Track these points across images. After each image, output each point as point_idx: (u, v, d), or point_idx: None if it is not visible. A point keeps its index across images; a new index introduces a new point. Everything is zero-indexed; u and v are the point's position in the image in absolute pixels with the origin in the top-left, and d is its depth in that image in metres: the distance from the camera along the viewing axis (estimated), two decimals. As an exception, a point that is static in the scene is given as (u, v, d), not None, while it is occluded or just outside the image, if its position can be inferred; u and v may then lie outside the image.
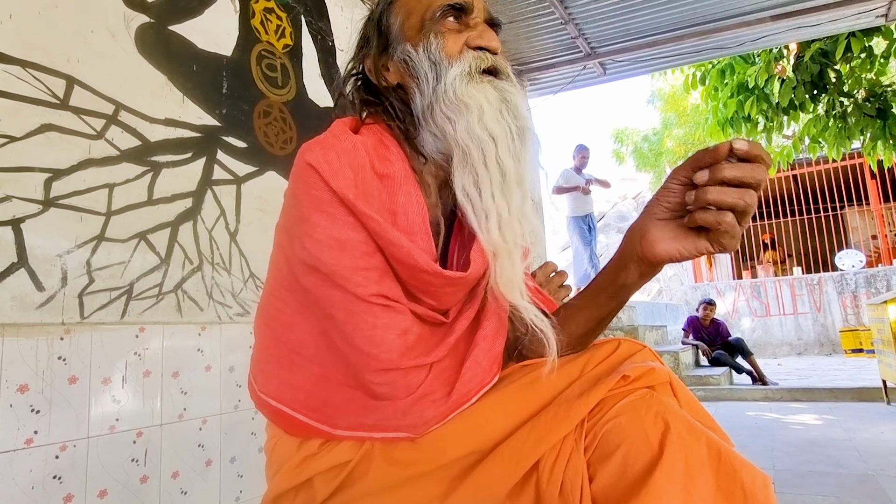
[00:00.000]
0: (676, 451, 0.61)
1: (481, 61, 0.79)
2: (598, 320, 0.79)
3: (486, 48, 0.80)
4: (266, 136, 2.13)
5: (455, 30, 0.81)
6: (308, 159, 0.71)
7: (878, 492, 2.23)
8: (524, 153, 0.77)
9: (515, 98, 0.78)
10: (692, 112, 13.01)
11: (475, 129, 0.74)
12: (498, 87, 0.78)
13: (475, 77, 0.77)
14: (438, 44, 0.80)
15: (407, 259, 0.71)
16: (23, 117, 1.41)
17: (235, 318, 1.91)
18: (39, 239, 1.41)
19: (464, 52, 0.79)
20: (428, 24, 0.81)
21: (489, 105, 0.75)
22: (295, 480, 0.76)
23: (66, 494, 1.39)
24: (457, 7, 0.81)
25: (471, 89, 0.76)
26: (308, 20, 2.45)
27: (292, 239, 0.74)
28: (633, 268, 0.73)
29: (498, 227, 0.74)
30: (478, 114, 0.75)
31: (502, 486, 0.69)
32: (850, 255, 9.52)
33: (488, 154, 0.74)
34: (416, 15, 0.83)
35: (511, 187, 0.75)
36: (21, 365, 1.35)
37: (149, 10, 1.76)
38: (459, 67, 0.77)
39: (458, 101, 0.76)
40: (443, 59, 0.79)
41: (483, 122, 0.74)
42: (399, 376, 0.71)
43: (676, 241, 0.68)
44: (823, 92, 5.46)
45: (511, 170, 0.74)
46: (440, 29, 0.81)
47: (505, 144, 0.74)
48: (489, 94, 0.76)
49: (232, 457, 1.84)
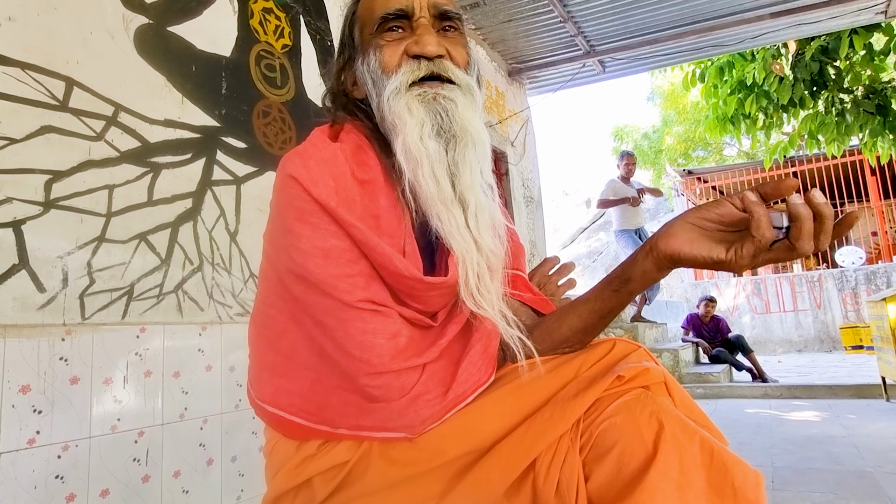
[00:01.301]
0: (671, 451, 0.62)
1: (415, 73, 0.77)
2: (599, 315, 0.77)
3: (421, 55, 0.77)
4: (265, 136, 2.13)
5: (396, 39, 0.80)
6: (289, 170, 0.72)
7: (876, 488, 2.24)
8: (463, 166, 0.75)
9: (454, 107, 0.76)
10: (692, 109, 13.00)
11: (408, 147, 0.74)
12: (430, 97, 0.76)
13: (402, 92, 0.76)
14: (376, 59, 0.79)
15: (388, 265, 0.72)
16: (23, 119, 1.42)
17: (236, 317, 1.92)
18: (40, 240, 1.42)
19: (402, 63, 0.78)
20: (370, 38, 0.81)
21: (411, 122, 0.75)
22: (294, 481, 0.77)
23: (69, 494, 1.40)
24: (392, 16, 0.79)
25: (398, 106, 0.75)
26: (307, 20, 2.45)
27: (278, 250, 0.75)
28: (641, 261, 0.71)
29: (454, 236, 0.74)
30: (401, 134, 0.74)
31: (499, 485, 0.70)
32: (851, 251, 9.52)
33: (421, 171, 0.74)
34: (366, 26, 0.82)
35: (449, 204, 0.74)
36: (23, 366, 1.35)
37: (148, 11, 1.77)
38: (393, 83, 0.77)
39: (391, 121, 0.76)
40: (380, 76, 0.78)
41: (405, 144, 0.74)
42: (392, 379, 0.71)
43: (693, 243, 0.66)
44: (823, 89, 5.46)
45: (444, 187, 0.74)
46: (379, 42, 0.80)
47: (425, 168, 0.73)
48: (414, 109, 0.75)
49: (233, 456, 1.85)
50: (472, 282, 0.74)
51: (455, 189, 0.75)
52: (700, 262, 0.66)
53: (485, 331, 0.77)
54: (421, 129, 0.74)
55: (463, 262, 0.74)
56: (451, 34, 0.82)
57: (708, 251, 0.65)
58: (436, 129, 0.75)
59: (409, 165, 0.74)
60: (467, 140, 0.76)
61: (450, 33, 0.82)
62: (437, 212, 0.74)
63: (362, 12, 0.84)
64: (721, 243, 0.65)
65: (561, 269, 1.07)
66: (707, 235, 0.67)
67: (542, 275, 1.07)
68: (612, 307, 0.76)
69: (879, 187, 10.07)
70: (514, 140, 4.78)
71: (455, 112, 0.76)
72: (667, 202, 14.20)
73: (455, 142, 0.76)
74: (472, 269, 0.74)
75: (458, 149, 0.76)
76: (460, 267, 0.75)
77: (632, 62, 4.79)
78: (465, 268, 0.74)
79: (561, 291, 1.05)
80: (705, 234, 0.67)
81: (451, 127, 0.76)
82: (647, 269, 0.71)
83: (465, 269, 0.74)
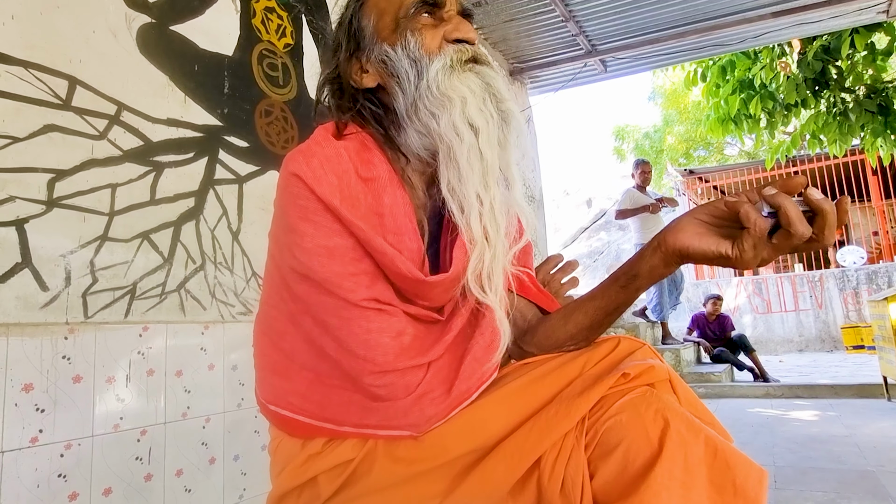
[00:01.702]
0: (676, 448, 0.62)
1: (462, 53, 0.79)
2: (605, 312, 0.78)
3: (464, 40, 0.80)
4: (268, 135, 2.13)
5: (430, 25, 0.81)
6: (292, 169, 0.72)
7: (878, 488, 2.24)
8: (509, 138, 0.77)
9: (498, 82, 0.79)
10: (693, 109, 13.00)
11: (457, 122, 0.74)
12: (481, 73, 0.78)
13: (457, 69, 0.77)
14: (417, 41, 0.80)
15: (391, 266, 0.72)
16: (25, 118, 1.42)
17: (238, 316, 1.92)
18: (43, 239, 1.42)
19: (443, 47, 0.79)
20: (402, 23, 0.81)
21: (473, 95, 0.75)
22: (299, 479, 0.77)
23: (71, 492, 1.40)
24: (429, 2, 0.81)
25: (454, 81, 0.76)
26: (309, 19, 2.45)
27: (282, 249, 0.75)
28: (649, 256, 0.71)
29: (479, 218, 0.74)
30: (461, 106, 0.75)
31: (504, 483, 0.70)
32: (852, 251, 9.51)
33: (471, 147, 0.74)
34: (388, 15, 0.83)
35: (493, 178, 0.75)
36: (26, 364, 1.35)
37: (150, 10, 1.77)
38: (441, 62, 0.77)
39: (441, 96, 0.76)
40: (423, 56, 0.79)
41: (466, 114, 0.74)
42: (397, 377, 0.71)
43: (701, 237, 0.67)
44: (825, 88, 5.45)
45: (493, 160, 0.74)
46: (415, 26, 0.80)
47: (487, 134, 0.74)
48: (472, 84, 0.76)
49: (235, 454, 1.85)
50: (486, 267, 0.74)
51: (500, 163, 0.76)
52: (708, 257, 0.66)
53: (487, 326, 0.77)
54: (484, 100, 0.76)
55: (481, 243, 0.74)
56: None
57: (716, 246, 0.66)
58: (494, 101, 0.77)
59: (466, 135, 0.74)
60: (511, 120, 0.78)
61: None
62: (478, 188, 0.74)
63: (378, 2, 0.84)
64: (728, 239, 0.65)
65: (564, 266, 1.08)
66: (714, 231, 0.67)
67: (545, 272, 1.07)
68: (618, 304, 0.77)
69: (881, 187, 10.06)
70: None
71: (501, 89, 0.79)
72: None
73: (507, 117, 0.77)
74: (488, 252, 0.74)
75: (508, 124, 0.77)
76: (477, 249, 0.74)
77: (633, 62, 4.78)
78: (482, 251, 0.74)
79: (564, 290, 1.05)
80: (712, 230, 0.67)
81: (500, 105, 0.77)
82: (655, 265, 0.71)
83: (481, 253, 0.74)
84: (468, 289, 0.75)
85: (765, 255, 0.63)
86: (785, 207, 0.60)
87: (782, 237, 0.61)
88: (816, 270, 9.20)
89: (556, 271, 1.07)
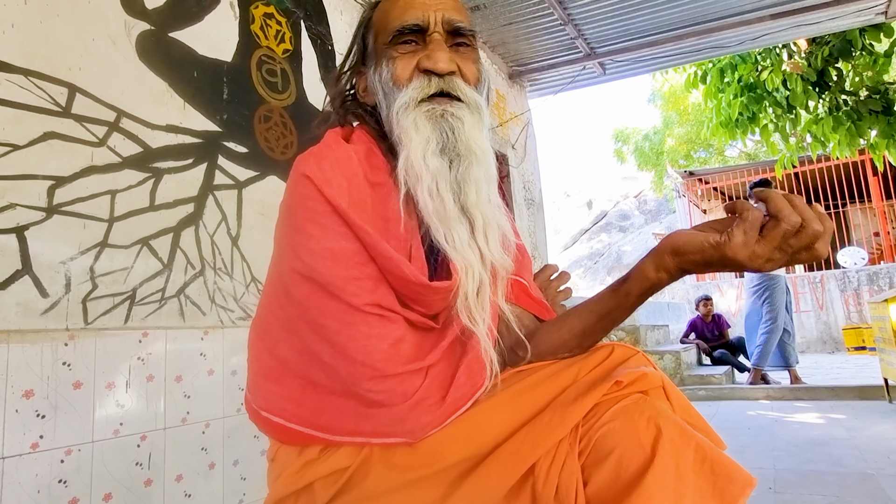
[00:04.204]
0: (668, 456, 0.62)
1: (424, 89, 0.78)
2: (598, 315, 0.78)
3: (432, 71, 0.78)
4: (267, 140, 2.14)
5: (409, 52, 0.80)
6: (303, 170, 0.73)
7: (878, 491, 2.24)
8: (468, 183, 0.76)
9: (460, 125, 0.77)
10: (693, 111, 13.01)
11: (410, 163, 0.75)
12: (438, 114, 0.77)
13: (411, 108, 0.77)
14: (388, 71, 0.80)
15: (395, 270, 0.73)
16: (25, 125, 1.43)
17: (238, 322, 1.92)
18: (43, 246, 1.43)
19: (413, 77, 0.79)
20: (383, 49, 0.82)
21: (416, 139, 0.75)
22: (295, 485, 0.78)
23: (72, 498, 1.41)
24: (407, 30, 0.80)
25: (406, 122, 0.76)
26: (308, 25, 2.46)
27: (285, 250, 0.75)
28: (642, 259, 0.73)
29: (456, 251, 0.75)
30: (406, 150, 0.75)
31: (499, 490, 0.70)
32: (853, 252, 9.50)
33: (420, 187, 0.74)
34: (380, 36, 0.83)
35: (453, 220, 0.75)
36: (26, 370, 1.36)
37: (149, 17, 1.78)
38: (404, 97, 0.77)
39: (398, 136, 0.77)
40: (392, 88, 0.79)
41: (408, 161, 0.75)
42: (396, 383, 0.72)
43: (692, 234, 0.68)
44: (826, 90, 5.45)
45: (447, 203, 0.74)
46: (393, 54, 0.81)
47: (427, 185, 0.74)
48: (421, 126, 0.76)
49: (235, 460, 1.86)
50: (471, 296, 0.75)
51: (460, 205, 0.76)
52: (696, 246, 0.67)
53: (482, 335, 0.77)
54: (426, 147, 0.75)
55: (465, 274, 0.75)
56: (463, 50, 0.83)
57: (704, 237, 0.67)
58: (441, 146, 0.76)
59: (409, 180, 0.75)
60: (472, 159, 0.77)
61: (462, 49, 0.83)
62: (437, 227, 0.75)
63: (377, 21, 0.85)
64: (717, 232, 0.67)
65: (561, 275, 1.09)
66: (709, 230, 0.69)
67: (543, 279, 1.08)
68: (609, 308, 0.77)
69: (881, 188, 10.06)
70: (514, 142, 4.79)
71: (461, 131, 0.77)
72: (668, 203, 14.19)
73: (459, 160, 0.76)
74: (472, 283, 0.75)
75: (463, 167, 0.76)
76: (461, 279, 0.75)
77: (632, 64, 4.79)
78: (466, 281, 0.75)
79: (560, 298, 1.06)
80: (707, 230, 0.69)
81: (456, 145, 0.76)
82: (644, 265, 0.72)
83: (466, 283, 0.75)
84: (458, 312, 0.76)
85: (757, 249, 0.63)
86: (773, 198, 0.62)
87: (771, 225, 0.63)
88: (817, 271, 9.19)
89: (554, 279, 1.08)
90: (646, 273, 0.72)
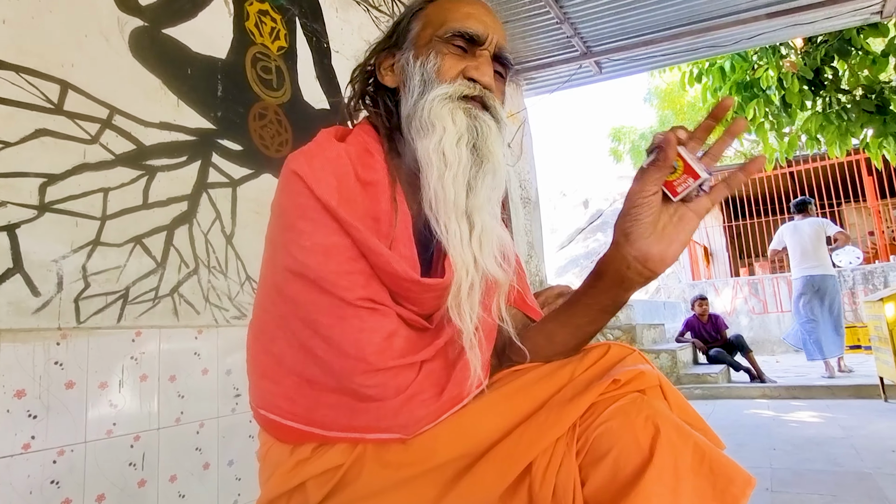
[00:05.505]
0: (666, 455, 0.62)
1: (467, 89, 0.80)
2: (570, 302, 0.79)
3: (477, 81, 0.81)
4: (261, 138, 2.13)
5: (458, 55, 0.82)
6: (293, 167, 0.74)
7: (874, 490, 2.24)
8: (480, 186, 0.77)
9: (488, 131, 0.79)
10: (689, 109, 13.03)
11: (430, 151, 0.75)
12: (474, 114, 0.79)
13: (453, 101, 0.78)
14: (435, 63, 0.81)
15: (385, 267, 0.73)
16: (17, 122, 1.41)
17: (232, 321, 1.91)
18: (35, 244, 1.41)
19: (456, 80, 0.81)
20: (434, 41, 0.83)
21: (452, 128, 0.76)
22: (288, 485, 0.77)
23: (64, 499, 1.40)
24: (467, 37, 0.82)
25: (443, 111, 0.77)
26: (303, 22, 2.45)
27: (277, 247, 0.75)
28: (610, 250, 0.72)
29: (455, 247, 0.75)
30: (439, 135, 0.76)
31: (495, 489, 0.69)
32: (848, 251, 9.53)
33: (439, 177, 0.75)
34: (431, 27, 0.85)
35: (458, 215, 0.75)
36: (18, 370, 1.35)
37: (143, 13, 1.76)
38: (444, 90, 0.79)
39: (427, 121, 0.77)
40: (434, 79, 0.80)
41: (440, 145, 0.75)
42: (389, 377, 0.71)
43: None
44: (822, 89, 5.47)
45: (459, 199, 0.75)
46: (444, 50, 0.82)
47: (452, 173, 0.75)
48: (458, 119, 0.77)
49: (229, 460, 1.84)
50: (464, 295, 0.75)
51: (467, 203, 0.76)
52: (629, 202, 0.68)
53: (472, 333, 0.77)
54: (460, 138, 0.77)
55: (463, 272, 0.75)
56: (497, 79, 0.86)
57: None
58: (472, 143, 0.77)
59: (436, 165, 0.75)
60: (492, 164, 0.78)
61: (497, 78, 0.86)
62: (446, 219, 0.75)
63: (432, 13, 0.86)
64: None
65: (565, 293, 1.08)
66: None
67: (548, 296, 1.07)
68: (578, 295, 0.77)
69: (876, 187, 10.09)
70: (511, 141, 4.79)
71: (488, 136, 0.79)
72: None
73: (482, 162, 0.78)
74: (465, 282, 0.75)
75: (483, 169, 0.78)
76: (456, 275, 0.75)
77: (628, 63, 4.79)
78: (460, 278, 0.75)
79: None
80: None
81: (483, 147, 0.78)
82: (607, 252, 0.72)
83: (460, 280, 0.75)
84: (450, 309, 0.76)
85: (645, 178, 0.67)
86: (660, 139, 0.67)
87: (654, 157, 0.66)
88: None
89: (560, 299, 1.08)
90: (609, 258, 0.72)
